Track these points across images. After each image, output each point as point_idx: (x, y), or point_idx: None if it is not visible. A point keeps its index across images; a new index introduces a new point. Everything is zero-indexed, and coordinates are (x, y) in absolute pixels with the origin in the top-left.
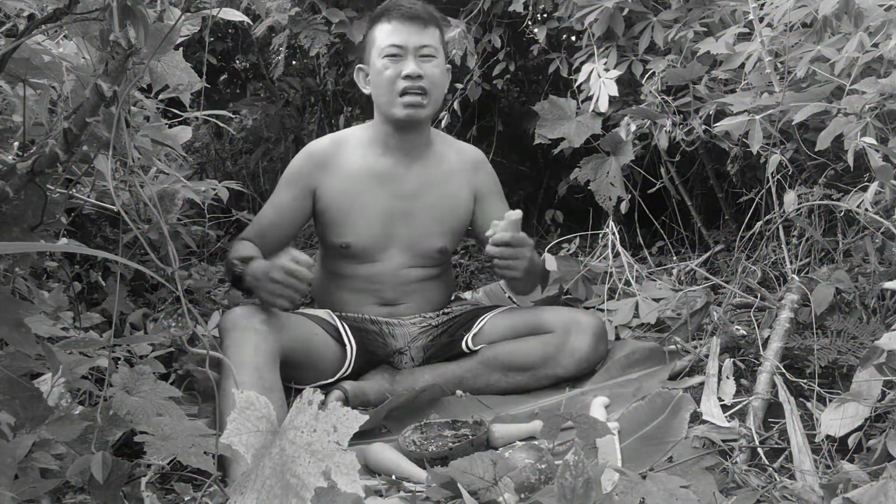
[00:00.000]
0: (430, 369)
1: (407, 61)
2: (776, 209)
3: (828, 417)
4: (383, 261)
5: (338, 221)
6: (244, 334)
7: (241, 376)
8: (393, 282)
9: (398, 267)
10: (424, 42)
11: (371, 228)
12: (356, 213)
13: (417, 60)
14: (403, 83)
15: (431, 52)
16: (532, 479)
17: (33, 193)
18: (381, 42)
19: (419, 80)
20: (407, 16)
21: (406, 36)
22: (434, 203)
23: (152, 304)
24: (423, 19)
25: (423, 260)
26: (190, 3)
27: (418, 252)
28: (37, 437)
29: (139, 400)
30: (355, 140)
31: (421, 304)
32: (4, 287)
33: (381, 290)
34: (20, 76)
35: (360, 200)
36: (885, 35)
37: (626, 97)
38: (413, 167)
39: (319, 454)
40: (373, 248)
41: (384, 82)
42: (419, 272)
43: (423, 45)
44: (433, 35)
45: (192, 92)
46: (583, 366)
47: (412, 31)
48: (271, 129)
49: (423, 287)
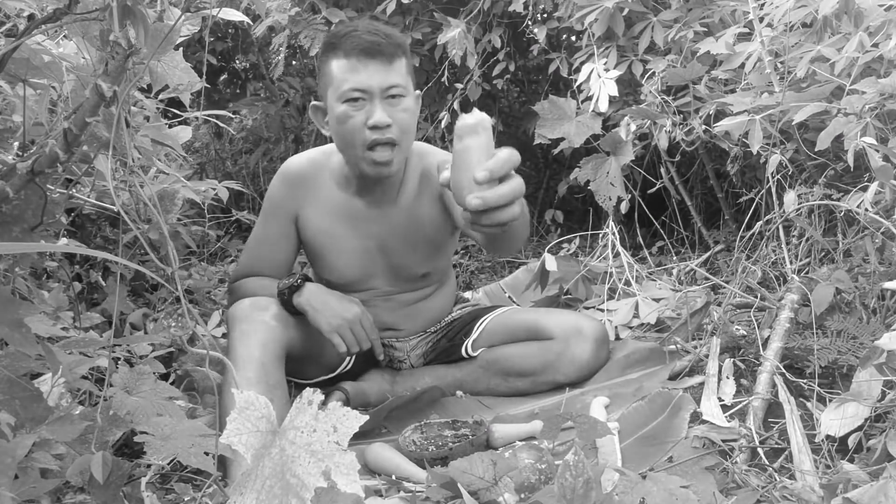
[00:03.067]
0: (431, 372)
1: (373, 106)
2: (776, 209)
3: (828, 417)
4: (371, 289)
5: (317, 257)
6: (253, 327)
7: (246, 371)
8: (386, 307)
9: (388, 293)
10: (391, 81)
11: (349, 267)
12: (333, 253)
13: (384, 104)
14: (370, 134)
15: (399, 91)
16: (532, 479)
17: (33, 193)
18: (339, 84)
19: (388, 129)
20: (367, 51)
21: (368, 76)
22: (407, 237)
23: (152, 304)
24: (386, 53)
25: (413, 284)
26: (190, 3)
27: (403, 279)
28: (37, 437)
29: (139, 400)
30: (332, 168)
31: (420, 324)
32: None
33: (377, 315)
34: (20, 76)
35: (335, 240)
36: (885, 35)
37: (626, 97)
38: (383, 208)
39: (319, 454)
40: (356, 283)
41: (347, 133)
42: (412, 295)
43: (390, 86)
44: (400, 69)
45: (192, 92)
46: (583, 372)
47: (376, 70)
48: (271, 129)
49: (419, 309)
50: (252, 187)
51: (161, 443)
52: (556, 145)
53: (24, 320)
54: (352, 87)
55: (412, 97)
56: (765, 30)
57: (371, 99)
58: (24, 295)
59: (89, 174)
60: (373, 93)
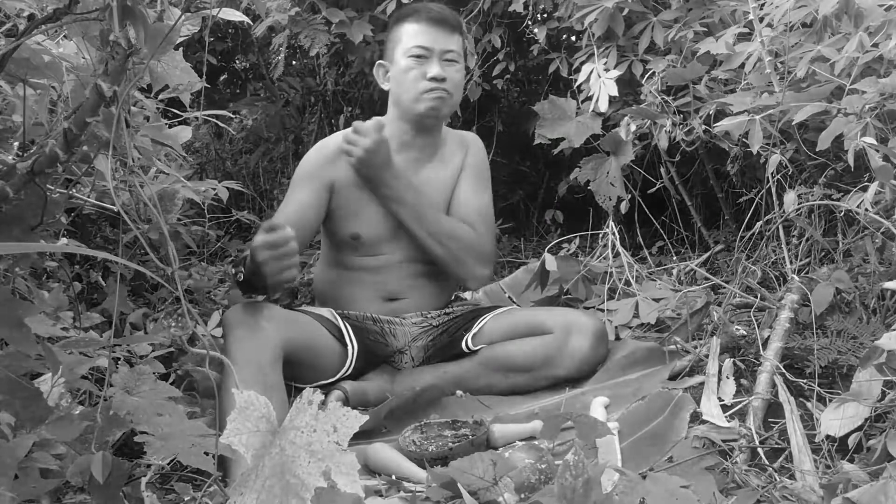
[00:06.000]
0: (430, 370)
1: (432, 63)
2: (776, 209)
3: (828, 417)
4: (388, 253)
5: (349, 213)
6: (248, 331)
7: (244, 374)
8: (396, 275)
9: (402, 260)
10: (450, 47)
11: (381, 219)
12: (367, 205)
13: (442, 63)
14: (427, 84)
15: (455, 56)
16: (532, 479)
17: (33, 193)
18: (407, 42)
19: (443, 82)
20: (435, 19)
21: (433, 38)
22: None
23: (152, 304)
24: (450, 24)
25: (421, 251)
26: (190, 3)
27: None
28: (37, 437)
29: (139, 400)
30: None
31: (422, 301)
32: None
33: (384, 283)
34: (20, 76)
35: (369, 193)
36: (885, 35)
37: (626, 97)
38: (426, 166)
39: (319, 454)
40: (380, 240)
41: (408, 80)
42: (421, 268)
43: (448, 50)
44: (457, 41)
45: (192, 92)
46: (583, 367)
47: (439, 35)
48: (271, 129)
49: (424, 283)
50: (252, 187)
51: (161, 443)
52: (556, 145)
53: (24, 320)
54: (417, 44)
55: (463, 68)
56: (765, 30)
57: (431, 57)
58: (24, 295)
59: (89, 174)
60: (433, 52)
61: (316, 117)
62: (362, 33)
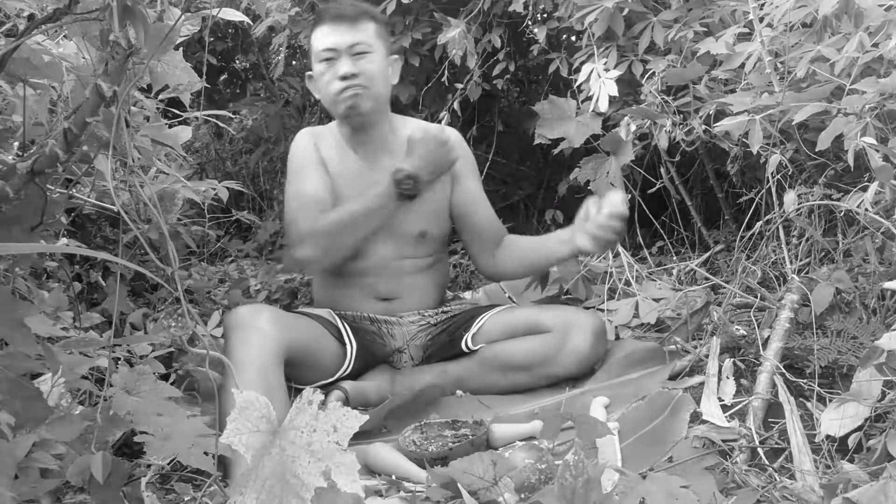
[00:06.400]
0: (430, 369)
1: (341, 62)
2: (776, 209)
3: (828, 417)
4: (372, 254)
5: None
6: (249, 333)
7: (246, 375)
8: (385, 275)
9: (388, 259)
10: (355, 40)
11: None
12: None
13: (351, 59)
14: (339, 84)
15: (364, 48)
16: (532, 479)
17: (33, 193)
18: (317, 46)
19: (354, 78)
20: (334, 16)
21: (337, 37)
22: None
23: (152, 304)
24: (350, 18)
25: (410, 248)
26: (190, 3)
27: (400, 238)
28: (37, 437)
29: (139, 400)
30: (329, 138)
31: (417, 299)
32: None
33: (375, 283)
34: (20, 76)
35: (341, 198)
36: (885, 35)
37: (626, 97)
38: (382, 161)
39: (319, 454)
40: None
41: (324, 84)
42: (410, 263)
43: (354, 44)
44: (365, 30)
45: (192, 92)
46: (583, 365)
47: (342, 31)
48: (271, 129)
49: (416, 280)
50: (252, 187)
51: (161, 443)
52: (556, 145)
53: (24, 320)
54: (324, 47)
55: (381, 55)
56: (765, 30)
57: (339, 56)
58: (24, 295)
59: (89, 174)
60: (340, 50)
61: (316, 117)
62: None
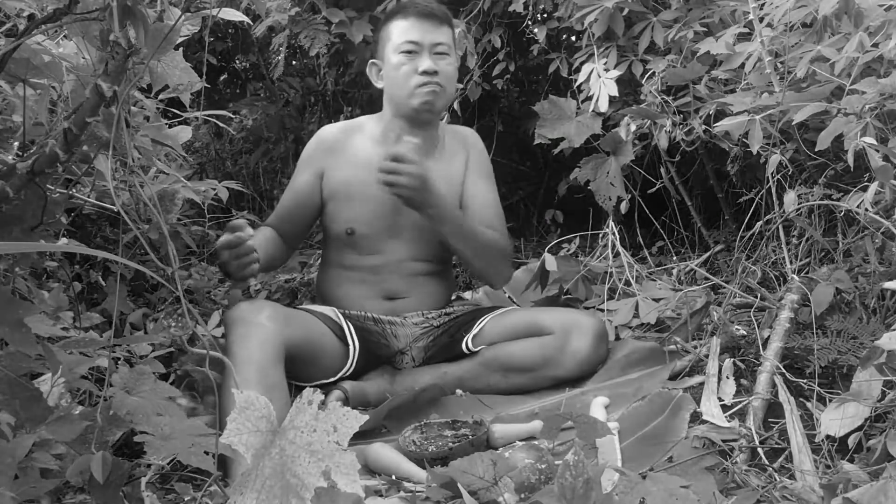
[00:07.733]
0: (430, 370)
1: (422, 57)
2: (776, 209)
3: (828, 417)
4: (386, 252)
5: (344, 207)
6: (250, 329)
7: (245, 373)
8: (396, 274)
9: (401, 259)
10: (439, 40)
11: (377, 216)
12: (363, 200)
13: (433, 57)
14: (419, 78)
15: (445, 49)
16: (532, 479)
17: (33, 193)
18: (397, 38)
19: (434, 75)
20: (423, 13)
21: (422, 33)
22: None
23: (152, 304)
24: (438, 17)
25: (427, 253)
26: (190, 3)
27: (423, 243)
28: (37, 437)
29: (139, 400)
30: (368, 129)
31: (422, 301)
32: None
33: (383, 282)
34: (20, 76)
35: (369, 188)
36: (885, 35)
37: (626, 97)
38: (427, 161)
39: (319, 454)
40: (377, 237)
41: (400, 76)
42: (421, 266)
43: (437, 43)
44: (447, 34)
45: (192, 92)
46: (583, 367)
47: (428, 29)
48: (271, 129)
49: (424, 282)
50: (252, 187)
51: (161, 443)
52: (556, 145)
53: (24, 320)
54: (406, 39)
55: (454, 61)
56: (765, 30)
57: (421, 52)
58: (24, 295)
59: (89, 174)
60: (423, 46)
61: (316, 117)
62: (362, 33)
